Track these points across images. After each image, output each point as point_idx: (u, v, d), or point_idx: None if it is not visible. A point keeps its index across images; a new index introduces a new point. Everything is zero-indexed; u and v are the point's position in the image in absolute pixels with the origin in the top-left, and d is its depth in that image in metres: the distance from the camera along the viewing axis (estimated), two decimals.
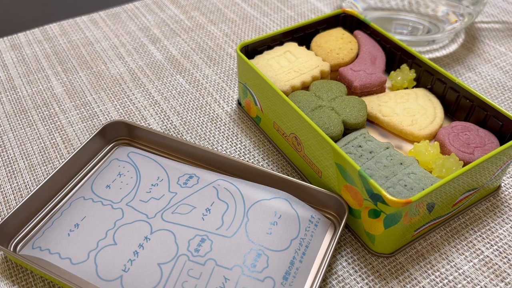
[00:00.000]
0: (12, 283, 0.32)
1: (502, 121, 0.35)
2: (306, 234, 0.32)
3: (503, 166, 0.34)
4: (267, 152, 0.41)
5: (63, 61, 0.51)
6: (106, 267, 0.30)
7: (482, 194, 0.36)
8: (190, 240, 0.31)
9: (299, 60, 0.41)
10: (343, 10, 0.45)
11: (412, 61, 0.40)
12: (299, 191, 0.35)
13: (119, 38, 0.54)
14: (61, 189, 0.37)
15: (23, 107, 0.46)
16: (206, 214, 0.33)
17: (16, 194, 0.38)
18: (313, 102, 0.37)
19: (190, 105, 0.46)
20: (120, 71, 0.50)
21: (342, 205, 0.33)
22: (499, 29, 0.54)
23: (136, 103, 0.46)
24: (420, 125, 0.37)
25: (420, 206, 0.30)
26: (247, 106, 0.43)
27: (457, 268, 0.33)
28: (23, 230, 0.34)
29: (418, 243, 0.34)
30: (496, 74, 0.48)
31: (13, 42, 0.54)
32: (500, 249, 0.34)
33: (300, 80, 0.40)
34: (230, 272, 0.29)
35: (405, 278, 0.32)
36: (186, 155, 0.39)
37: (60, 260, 0.31)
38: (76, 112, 0.45)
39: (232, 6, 0.59)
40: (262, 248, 0.31)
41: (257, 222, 0.32)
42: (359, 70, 0.40)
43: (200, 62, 0.51)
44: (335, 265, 0.33)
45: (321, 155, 0.34)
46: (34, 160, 0.41)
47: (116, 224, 0.32)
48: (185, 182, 0.35)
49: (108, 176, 0.36)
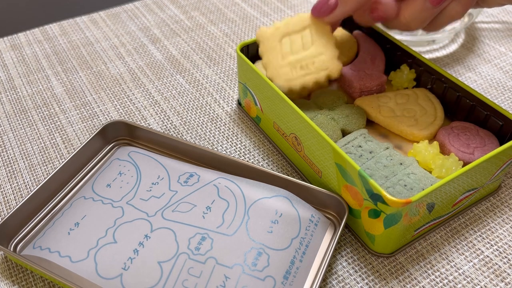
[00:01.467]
0: (12, 283, 0.32)
1: (502, 121, 0.35)
2: (307, 233, 0.32)
3: (503, 166, 0.34)
4: (267, 152, 0.41)
5: (63, 61, 0.51)
6: (106, 265, 0.30)
7: (482, 194, 0.36)
8: (191, 238, 0.31)
9: (312, 50, 0.36)
10: None
11: (412, 61, 0.40)
12: (299, 191, 0.35)
13: (119, 38, 0.54)
14: (61, 189, 0.37)
15: (23, 107, 0.46)
16: (206, 212, 0.33)
17: (16, 194, 0.38)
18: (313, 110, 0.37)
19: (190, 105, 0.46)
20: (120, 71, 0.50)
21: (342, 205, 0.33)
22: (499, 29, 0.54)
23: (136, 103, 0.46)
24: (420, 125, 0.37)
25: (420, 206, 0.30)
26: (247, 106, 0.43)
27: (457, 268, 0.33)
28: (23, 230, 0.34)
29: (418, 243, 0.34)
30: (496, 74, 0.48)
31: (13, 42, 0.54)
32: (500, 249, 0.34)
33: (301, 83, 0.36)
34: (230, 270, 0.29)
35: (405, 278, 0.32)
36: (186, 155, 0.39)
37: (59, 258, 0.31)
38: (76, 112, 0.45)
39: (232, 6, 0.59)
40: (263, 247, 0.31)
41: (257, 221, 0.32)
42: (359, 70, 0.40)
43: (200, 62, 0.51)
44: (335, 265, 0.33)
45: (321, 155, 0.34)
46: (34, 160, 0.41)
47: (116, 222, 0.32)
48: (185, 180, 0.35)
49: (108, 175, 0.36)
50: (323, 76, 0.36)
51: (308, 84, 0.36)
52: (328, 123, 0.37)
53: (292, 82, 0.36)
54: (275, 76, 0.36)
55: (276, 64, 0.36)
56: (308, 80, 0.36)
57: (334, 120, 0.37)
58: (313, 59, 0.36)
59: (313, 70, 0.36)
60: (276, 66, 0.36)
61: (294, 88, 0.37)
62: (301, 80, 0.36)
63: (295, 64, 0.36)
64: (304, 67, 0.36)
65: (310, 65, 0.36)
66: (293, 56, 0.36)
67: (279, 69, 0.36)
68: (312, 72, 0.36)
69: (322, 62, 0.36)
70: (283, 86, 0.36)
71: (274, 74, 0.36)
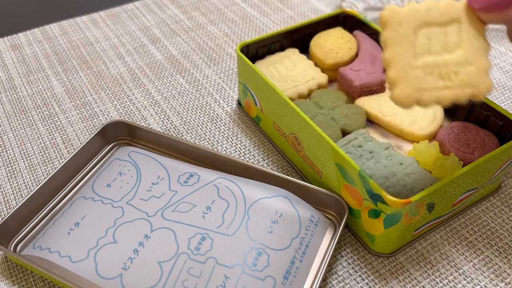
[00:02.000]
0: (12, 283, 0.32)
1: (502, 121, 0.35)
2: (307, 233, 0.32)
3: (503, 166, 0.34)
4: (267, 152, 0.41)
5: (63, 61, 0.51)
6: (106, 265, 0.30)
7: (482, 194, 0.36)
8: (191, 238, 0.31)
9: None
10: (343, 10, 0.45)
11: None
12: (299, 191, 0.35)
13: (119, 38, 0.54)
14: (61, 189, 0.37)
15: (23, 107, 0.46)
16: (206, 212, 0.33)
17: (16, 194, 0.38)
18: (313, 110, 0.37)
19: (190, 105, 0.46)
20: (120, 71, 0.50)
21: (342, 205, 0.33)
22: (499, 29, 0.54)
23: (136, 103, 0.46)
24: (420, 125, 0.37)
25: (420, 206, 0.30)
26: (247, 106, 0.43)
27: (457, 268, 0.33)
28: (23, 230, 0.34)
29: (418, 243, 0.34)
30: (496, 74, 0.48)
31: (13, 42, 0.54)
32: (500, 249, 0.34)
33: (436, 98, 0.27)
34: (230, 270, 0.29)
35: (405, 278, 0.32)
36: (186, 155, 0.39)
37: (59, 258, 0.31)
38: (76, 112, 0.45)
39: (232, 6, 0.59)
40: (263, 247, 0.31)
41: (258, 221, 0.32)
42: (359, 69, 0.40)
43: (200, 62, 0.51)
44: (335, 265, 0.33)
45: (321, 155, 0.34)
46: (34, 160, 0.41)
47: (116, 222, 0.32)
48: (185, 180, 0.35)
49: (108, 176, 0.36)
50: (466, 95, 0.26)
51: (443, 102, 0.26)
52: (328, 123, 0.37)
53: (423, 93, 0.25)
54: (402, 79, 0.25)
55: (405, 63, 0.25)
56: (446, 96, 0.25)
57: (334, 120, 0.37)
58: (458, 67, 0.26)
59: (457, 84, 0.25)
60: (405, 65, 0.25)
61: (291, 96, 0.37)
62: (436, 94, 0.25)
63: (433, 69, 0.25)
64: (444, 76, 0.26)
65: (453, 75, 0.26)
66: (431, 57, 0.26)
67: (408, 70, 0.25)
68: (454, 86, 0.25)
69: (469, 74, 0.25)
70: (409, 96, 0.25)
71: (401, 77, 0.25)
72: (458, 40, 0.26)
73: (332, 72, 0.42)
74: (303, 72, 0.41)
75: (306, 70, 0.41)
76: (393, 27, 0.25)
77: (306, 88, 0.40)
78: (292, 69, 0.41)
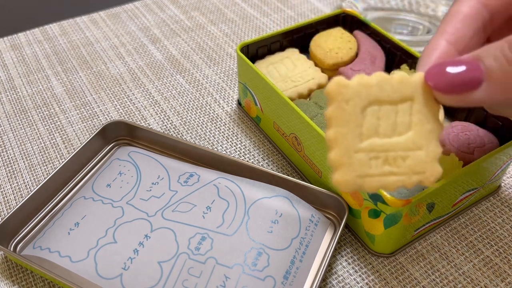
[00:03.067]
0: (12, 283, 0.32)
1: (502, 121, 0.35)
2: (307, 233, 0.32)
3: (503, 166, 0.34)
4: (267, 152, 0.41)
5: (63, 61, 0.51)
6: (106, 265, 0.30)
7: (482, 194, 0.36)
8: (191, 238, 0.31)
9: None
10: (343, 10, 0.45)
11: (412, 61, 0.40)
12: (299, 191, 0.35)
13: (119, 38, 0.54)
14: (61, 189, 0.37)
15: (23, 107, 0.46)
16: (206, 212, 0.33)
17: (16, 194, 0.38)
18: (313, 110, 0.37)
19: (190, 105, 0.46)
20: (120, 71, 0.50)
21: (342, 205, 0.33)
22: None
23: (136, 103, 0.46)
24: None
25: (420, 206, 0.30)
26: (247, 106, 0.43)
27: (457, 268, 0.33)
28: (23, 230, 0.34)
29: (418, 243, 0.34)
30: None
31: (13, 42, 0.54)
32: (500, 249, 0.34)
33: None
34: (230, 270, 0.29)
35: (405, 278, 0.32)
36: (186, 155, 0.39)
37: (59, 258, 0.31)
38: (76, 112, 0.45)
39: (232, 6, 0.59)
40: (263, 247, 0.31)
41: (258, 221, 0.32)
42: (359, 69, 0.40)
43: (200, 62, 0.51)
44: (335, 265, 0.33)
45: (321, 155, 0.34)
46: (34, 160, 0.41)
47: (116, 222, 0.32)
48: (185, 180, 0.35)
49: (108, 175, 0.36)
50: (413, 182, 0.24)
51: (388, 188, 0.24)
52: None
53: (367, 179, 0.23)
54: (344, 164, 0.23)
55: (349, 146, 0.23)
56: (391, 182, 0.23)
57: None
58: (406, 152, 0.24)
59: (403, 171, 0.23)
60: (349, 148, 0.23)
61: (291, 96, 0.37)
62: (381, 180, 0.23)
63: (379, 153, 0.23)
64: (391, 161, 0.23)
65: (400, 160, 0.23)
66: (378, 140, 0.23)
67: (352, 154, 0.23)
68: (400, 173, 0.23)
69: (417, 160, 0.23)
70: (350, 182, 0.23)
71: (343, 162, 0.23)
72: (409, 121, 0.24)
73: (332, 72, 0.42)
74: (303, 72, 0.41)
75: (306, 70, 0.41)
76: (339, 103, 0.23)
77: (306, 88, 0.40)
78: (292, 69, 0.41)
